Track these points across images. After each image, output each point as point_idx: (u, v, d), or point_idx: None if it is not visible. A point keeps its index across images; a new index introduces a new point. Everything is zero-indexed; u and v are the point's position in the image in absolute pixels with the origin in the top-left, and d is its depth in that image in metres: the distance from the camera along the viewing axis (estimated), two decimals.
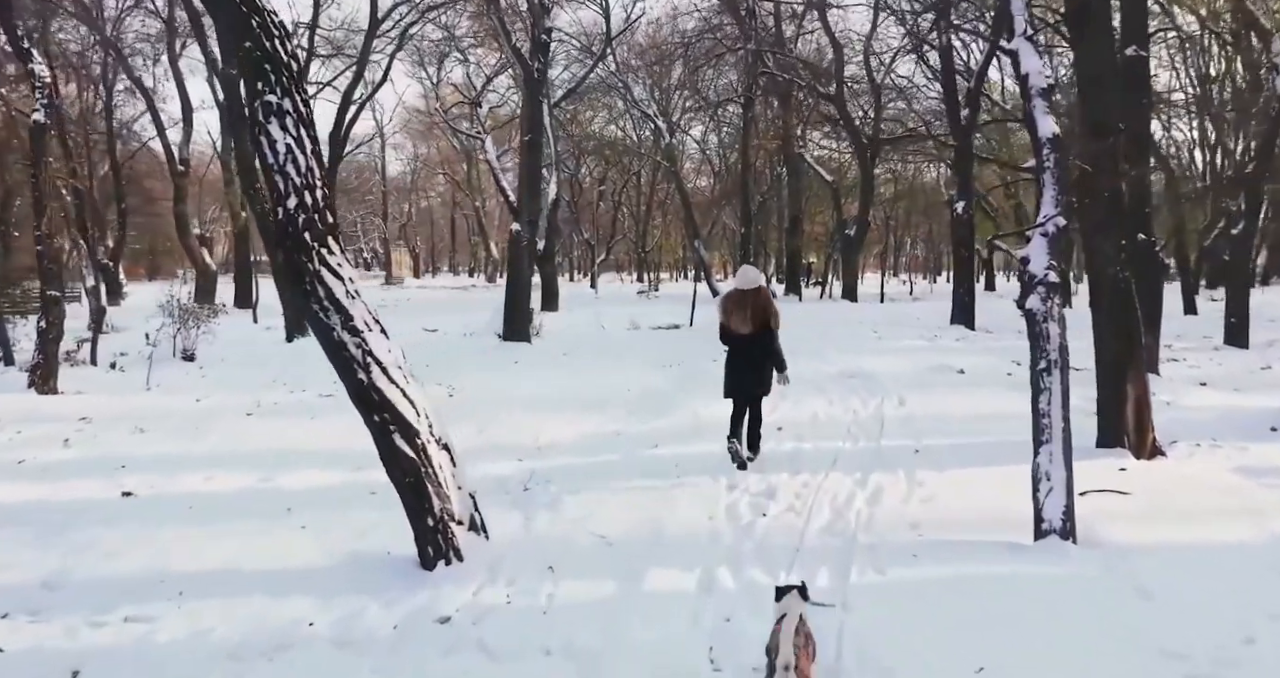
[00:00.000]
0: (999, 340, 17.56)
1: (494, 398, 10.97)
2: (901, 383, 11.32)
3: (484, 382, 12.36)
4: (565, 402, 10.56)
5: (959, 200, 20.10)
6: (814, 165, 34.35)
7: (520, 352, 15.75)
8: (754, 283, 7.35)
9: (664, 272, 68.85)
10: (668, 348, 16.64)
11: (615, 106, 44.77)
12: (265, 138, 4.94)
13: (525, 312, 16.72)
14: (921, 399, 10.07)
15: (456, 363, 14.60)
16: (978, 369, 12.58)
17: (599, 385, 11.76)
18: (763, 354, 7.25)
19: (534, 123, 16.32)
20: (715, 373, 12.96)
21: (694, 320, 22.45)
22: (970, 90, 20.21)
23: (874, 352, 15.00)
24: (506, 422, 9.18)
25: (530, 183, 16.38)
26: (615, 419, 9.40)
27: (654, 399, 10.63)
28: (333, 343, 4.89)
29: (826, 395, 10.42)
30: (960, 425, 8.57)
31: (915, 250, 66.50)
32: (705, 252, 40.74)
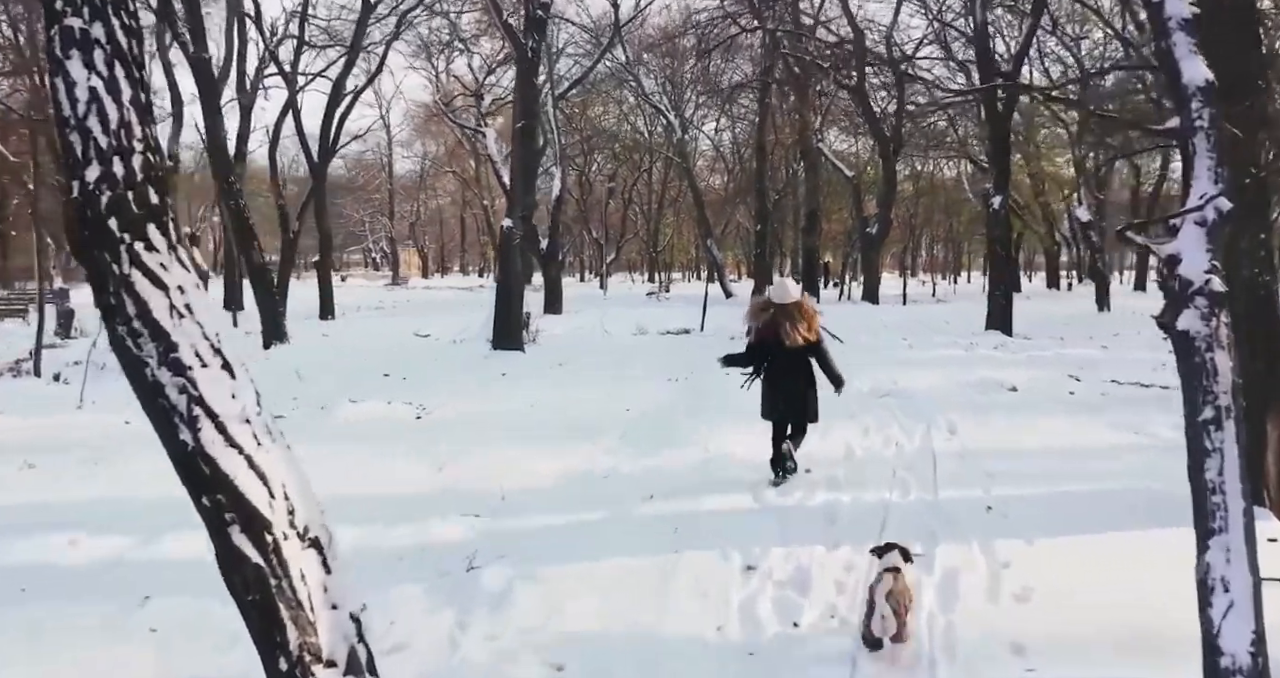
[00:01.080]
0: (1041, 348, 15.87)
1: (468, 421, 9.37)
2: (946, 404, 9.64)
3: (462, 399, 10.76)
4: (550, 426, 8.94)
5: (995, 194, 18.36)
6: (833, 160, 32.61)
7: (510, 362, 14.14)
8: (791, 297, 6.61)
9: (676, 272, 67.26)
10: (676, 357, 14.99)
11: (626, 101, 43.24)
12: (63, 80, 3.30)
13: (517, 317, 15.11)
14: (975, 427, 8.39)
15: (436, 375, 13.02)
16: (1032, 387, 10.87)
17: (593, 404, 10.13)
18: (803, 373, 6.61)
19: (528, 108, 14.70)
20: (728, 388, 11.31)
21: (705, 325, 20.79)
22: (1008, 74, 18.48)
23: (906, 363, 13.31)
24: (473, 456, 7.55)
25: (524, 174, 14.76)
26: (607, 451, 7.76)
27: (656, 423, 8.98)
28: (146, 385, 3.23)
29: (860, 422, 8.74)
30: (1034, 465, 6.89)
31: (934, 250, 64.54)
32: (718, 251, 39.10)
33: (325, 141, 24.99)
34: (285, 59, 27.51)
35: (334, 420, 9.44)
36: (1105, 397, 10.14)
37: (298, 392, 11.73)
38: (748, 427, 8.58)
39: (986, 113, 19.09)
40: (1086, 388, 10.77)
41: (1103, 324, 21.43)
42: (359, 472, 6.89)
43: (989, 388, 10.69)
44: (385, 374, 13.24)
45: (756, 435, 8.23)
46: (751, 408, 9.61)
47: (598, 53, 29.73)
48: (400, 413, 9.85)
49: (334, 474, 6.84)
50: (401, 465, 7.24)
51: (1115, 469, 6.68)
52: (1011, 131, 32.47)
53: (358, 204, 70.19)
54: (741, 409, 9.60)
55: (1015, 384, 10.86)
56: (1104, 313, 25.56)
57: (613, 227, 51.70)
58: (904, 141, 30.81)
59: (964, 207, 41.24)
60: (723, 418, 9.04)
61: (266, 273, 17.87)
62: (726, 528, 5.35)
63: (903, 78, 28.79)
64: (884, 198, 29.18)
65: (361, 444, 8.03)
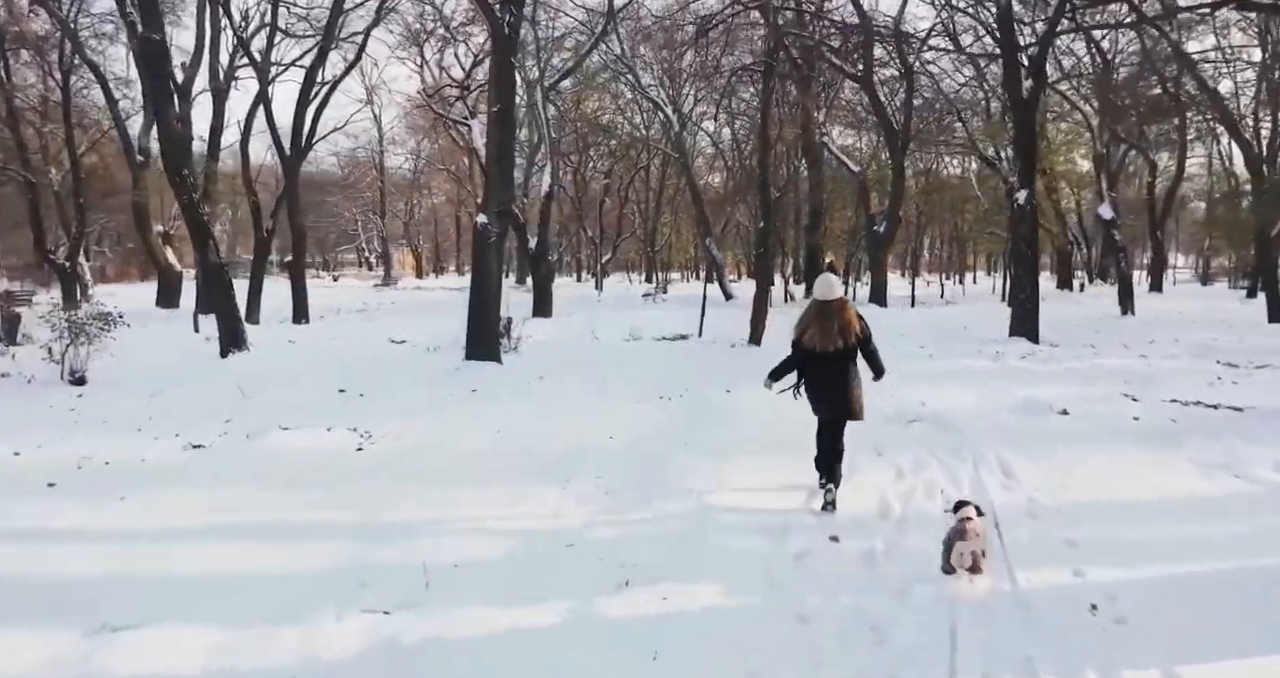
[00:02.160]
0: (1076, 358, 14.31)
1: (417, 453, 7.81)
2: (989, 433, 8.08)
3: (418, 423, 9.19)
4: (515, 462, 7.37)
5: (1020, 188, 16.78)
6: (838, 155, 31.05)
7: (484, 375, 12.55)
8: (835, 293, 6.31)
9: (675, 271, 65.70)
10: (671, 369, 13.43)
11: (622, 95, 41.65)
12: None
13: (493, 324, 13.53)
14: (1034, 467, 6.81)
15: (397, 391, 11.45)
16: (1086, 409, 9.29)
17: (569, 431, 8.57)
18: (846, 369, 6.27)
19: (504, 91, 13.11)
20: (729, 408, 9.75)
21: (703, 330, 19.22)
22: (1034, 59, 16.89)
23: (930, 378, 11.73)
24: (409, 507, 5.98)
25: (500, 164, 13.17)
26: (579, 500, 6.18)
27: (643, 458, 7.41)
28: None
29: (891, 460, 7.16)
30: (1128, 529, 5.30)
31: (939, 249, 62.84)
32: (718, 251, 37.52)
33: (298, 135, 23.36)
34: (263, 48, 25.99)
35: (254, 454, 7.86)
36: (1175, 423, 8.56)
37: (235, 412, 10.19)
38: (753, 462, 7.06)
39: (1011, 101, 17.51)
40: (1147, 410, 9.20)
41: (1131, 329, 19.85)
42: (246, 538, 5.33)
43: (1035, 411, 9.12)
44: (341, 390, 11.67)
45: (764, 473, 6.70)
46: (758, 436, 8.08)
47: (590, 41, 28.11)
48: (338, 443, 8.28)
49: (213, 539, 5.33)
50: (310, 523, 5.67)
51: (1238, 534, 5.12)
52: None
53: (350, 203, 68.49)
54: (745, 439, 8.06)
55: (1064, 406, 9.27)
56: (1128, 316, 24.01)
57: (609, 225, 50.06)
58: (912, 136, 29.27)
59: (971, 204, 39.72)
60: (724, 451, 7.48)
61: (223, 274, 16.25)
62: (727, 648, 3.75)
63: (911, 69, 27.29)
64: (893, 195, 27.61)
65: (270, 491, 6.47)
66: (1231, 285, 48.15)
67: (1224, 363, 13.63)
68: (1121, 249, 24.79)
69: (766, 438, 8.05)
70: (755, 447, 7.69)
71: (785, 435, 8.22)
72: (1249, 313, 24.81)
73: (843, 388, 6.23)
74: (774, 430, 8.51)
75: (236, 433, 8.90)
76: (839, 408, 6.25)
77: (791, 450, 7.59)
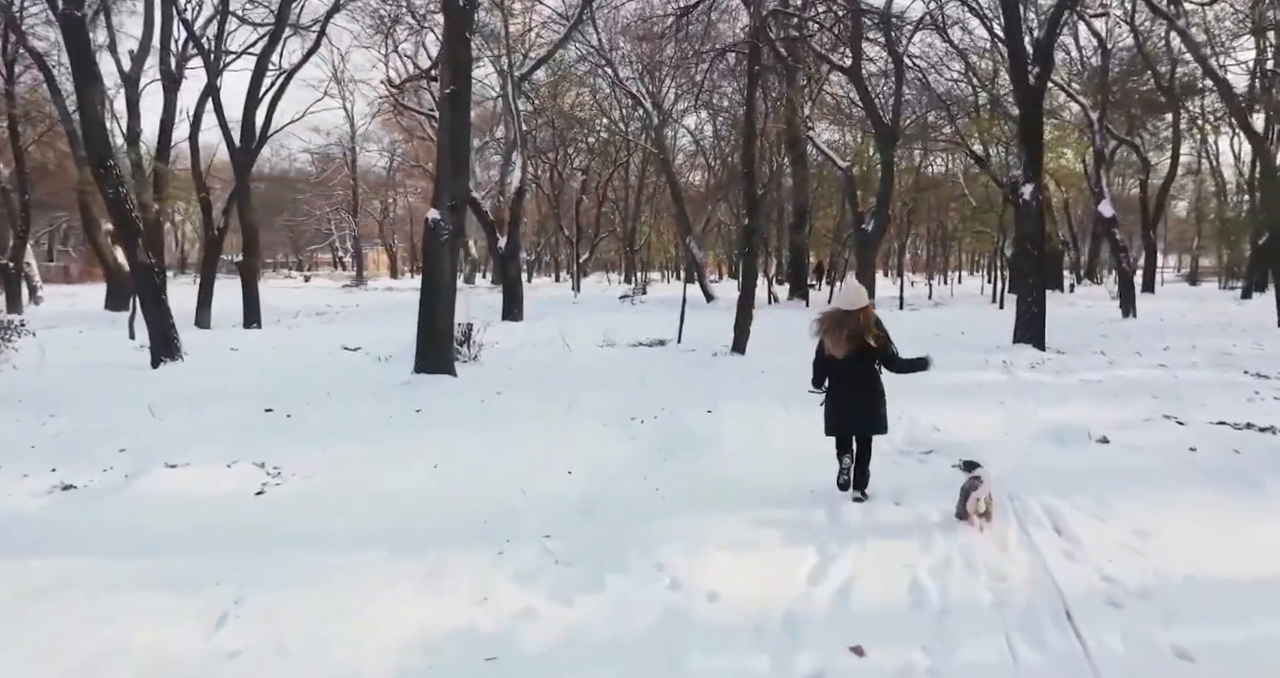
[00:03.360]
0: (1091, 368, 13.00)
1: (325, 500, 6.36)
2: (1025, 470, 6.69)
3: (340, 456, 7.72)
4: (443, 512, 5.94)
5: (1025, 183, 15.44)
6: (825, 150, 29.72)
7: (433, 391, 11.07)
8: (859, 303, 6.17)
9: (655, 271, 64.30)
10: (646, 382, 12.00)
11: (600, 90, 40.22)
12: None
13: (446, 333, 12.05)
14: (1091, 521, 5.44)
15: (331, 412, 9.99)
16: (1127, 434, 7.94)
17: (520, 467, 7.15)
18: (872, 385, 6.10)
19: (458, 70, 11.64)
20: (711, 435, 8.33)
21: (683, 336, 17.80)
22: (1041, 42, 15.57)
23: (938, 393, 10.33)
24: (280, 595, 4.52)
25: (454, 154, 11.69)
26: (512, 578, 4.75)
27: (602, 512, 5.97)
28: None
29: (911, 510, 5.77)
30: (1252, 629, 3.92)
31: (924, 249, 61.62)
32: (699, 250, 36.15)
33: (249, 127, 21.77)
34: (215, 34, 24.35)
35: (126, 502, 6.37)
36: (1240, 455, 7.21)
37: (136, 438, 8.71)
38: (741, 514, 5.65)
39: (1016, 90, 16.19)
40: (1200, 437, 7.85)
41: (1139, 334, 18.60)
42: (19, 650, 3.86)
43: (1070, 438, 7.74)
44: (268, 409, 10.20)
45: (756, 528, 5.30)
46: (746, 473, 6.69)
47: (566, 29, 26.67)
48: (235, 485, 6.80)
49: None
50: (126, 632, 4.18)
51: None
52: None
53: (324, 201, 66.65)
54: (730, 479, 6.64)
55: (1102, 432, 7.91)
56: (1129, 319, 22.78)
57: (587, 224, 48.56)
58: (901, 131, 27.98)
59: (958, 203, 38.58)
60: (704, 499, 6.06)
61: (152, 275, 14.71)
62: None
63: (901, 61, 26.00)
64: (881, 192, 26.28)
65: (117, 561, 4.98)
66: (1222, 286, 47.23)
67: (1253, 374, 12.37)
68: (1123, 249, 23.57)
69: (756, 476, 6.66)
70: (743, 490, 6.28)
71: (778, 471, 6.84)
72: (1252, 315, 23.64)
73: (866, 403, 6.04)
74: (764, 464, 7.12)
75: (122, 469, 7.41)
76: (861, 427, 6.07)
77: (786, 492, 6.21)
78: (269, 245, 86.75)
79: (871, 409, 6.07)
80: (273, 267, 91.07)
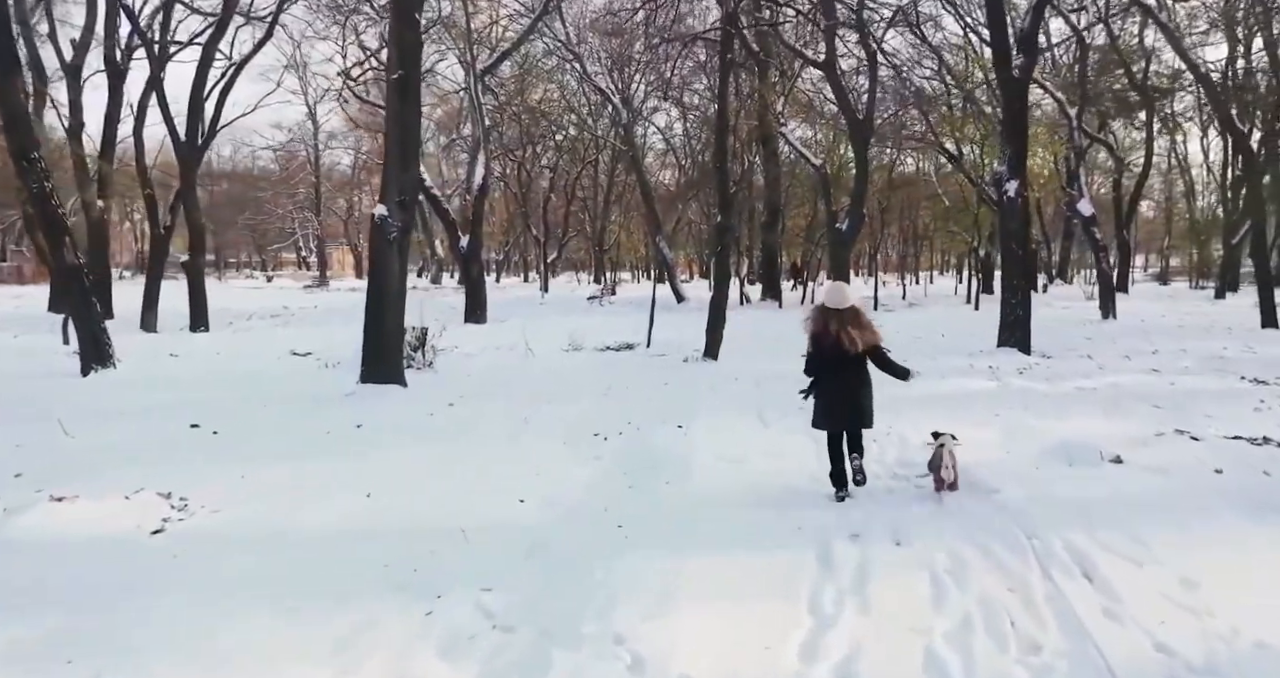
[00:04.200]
0: (1083, 375, 12.33)
1: (235, 538, 5.45)
2: (1038, 499, 5.91)
3: (264, 481, 6.79)
4: (369, 556, 5.05)
5: (1009, 179, 14.75)
6: (797, 146, 29.02)
7: (378, 404, 10.13)
8: (845, 302, 6.24)
9: (625, 271, 63.49)
10: (612, 392, 11.15)
11: (568, 86, 39.34)
12: None
13: (395, 339, 11.12)
14: (1127, 565, 4.65)
15: (261, 427, 9.04)
16: (1140, 452, 7.19)
17: (466, 495, 6.28)
18: (860, 381, 6.24)
19: (406, 53, 10.71)
20: (683, 457, 7.48)
21: (652, 339, 16.97)
22: (1024, 33, 14.88)
23: (928, 404, 9.56)
24: (150, 672, 3.63)
25: (402, 145, 10.76)
26: (437, 649, 3.89)
27: (554, 559, 5.10)
28: None
29: (917, 555, 4.93)
30: None
31: (897, 248, 61.21)
32: (669, 250, 35.39)
33: (196, 120, 20.65)
34: (161, 22, 23.17)
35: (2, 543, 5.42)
36: (1271, 477, 6.49)
37: (37, 460, 7.71)
38: (720, 561, 4.81)
39: (1000, 83, 15.51)
40: (1220, 455, 7.12)
41: (1124, 336, 18.02)
42: None
43: (1080, 458, 6.97)
44: (194, 424, 9.21)
45: (738, 581, 4.45)
46: (725, 504, 5.88)
47: (531, 20, 25.74)
48: (132, 521, 5.84)
49: None
50: None
51: None
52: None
53: (287, 199, 65.08)
54: (705, 516, 5.77)
55: (1114, 450, 7.15)
56: (1109, 320, 22.24)
57: (555, 223, 47.60)
58: (875, 128, 27.32)
59: (931, 202, 38.12)
60: (675, 542, 5.21)
61: (81, 277, 13.67)
62: None
63: (875, 57, 25.34)
64: (856, 189, 25.61)
65: None
66: (1193, 286, 47.17)
67: (1251, 380, 11.76)
68: (1103, 248, 23.02)
69: (734, 509, 5.83)
70: (719, 527, 5.45)
71: (759, 501, 6.01)
72: (1232, 316, 23.23)
73: (854, 399, 6.21)
74: (743, 492, 6.29)
75: (5, 502, 6.43)
76: (851, 423, 6.25)
77: (769, 530, 5.38)
78: (232, 245, 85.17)
79: (863, 405, 6.25)
80: (236, 267, 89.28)
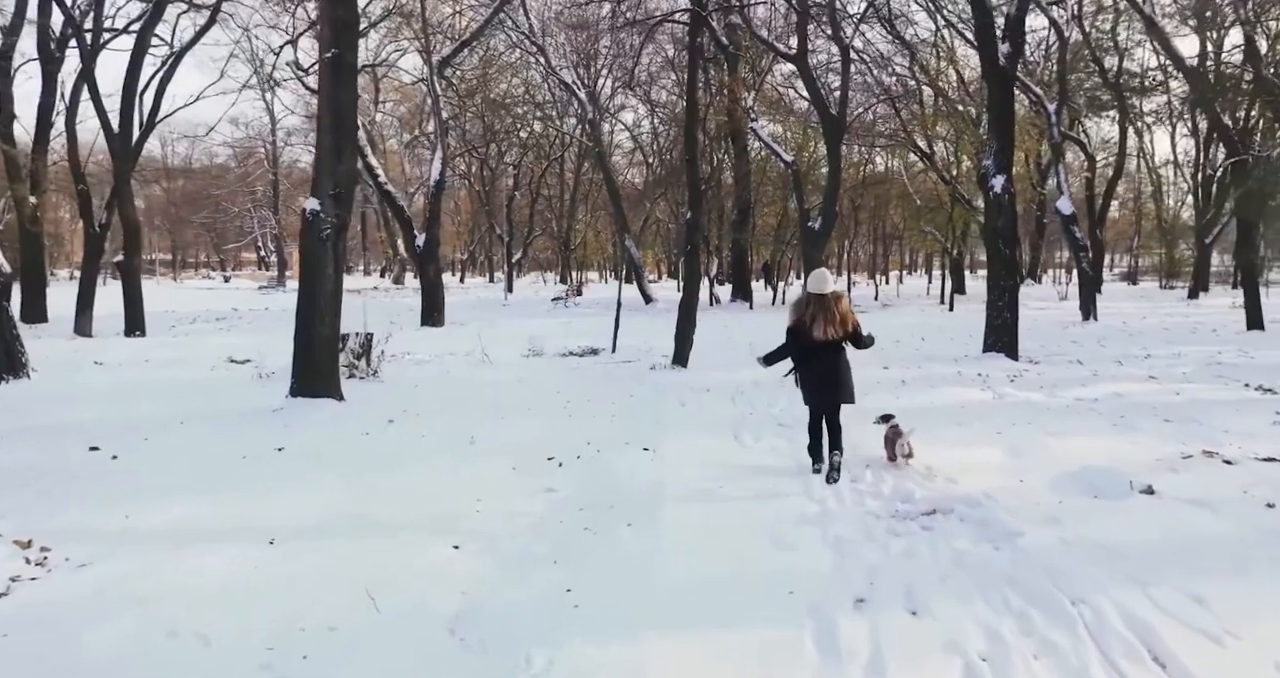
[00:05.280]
0: (1081, 383, 11.51)
1: (79, 606, 4.34)
2: (1064, 542, 4.96)
3: (144, 524, 5.68)
4: (235, 645, 3.98)
5: (996, 173, 13.89)
6: (769, 143, 28.12)
7: (308, 421, 9.00)
8: (828, 287, 6.78)
9: (593, 271, 62.44)
10: (571, 406, 10.11)
11: (533, 80, 38.20)
12: None
13: (328, 347, 9.98)
14: (1204, 643, 3.71)
15: (170, 450, 7.88)
16: (1172, 480, 6.27)
17: (382, 543, 5.21)
18: (839, 356, 6.82)
19: (340, 29, 9.59)
20: (650, 489, 6.35)
21: (617, 344, 15.95)
22: (1011, 18, 14.01)
23: (917, 416, 8.56)
24: None
25: (336, 131, 9.63)
26: None
27: (483, 644, 4.07)
28: None
29: (941, 630, 3.93)
30: None
31: (864, 248, 60.56)
32: (636, 250, 34.41)
33: (130, 110, 19.32)
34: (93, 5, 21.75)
35: None
36: None
37: None
38: (692, 647, 3.78)
39: (986, 73, 14.65)
40: (1263, 483, 6.21)
41: (1112, 340, 17.26)
42: None
43: (1105, 487, 6.04)
44: (94, 447, 8.04)
45: None
46: (698, 554, 4.87)
47: (492, 9, 24.60)
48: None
49: None
50: None
51: None
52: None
53: (244, 197, 63.24)
54: (672, 577, 4.73)
55: (1142, 477, 6.23)
56: (1090, 322, 21.53)
57: (520, 222, 46.40)
58: (848, 125, 26.46)
59: (903, 201, 37.42)
60: (637, 614, 4.17)
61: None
62: None
63: (848, 51, 24.50)
64: (829, 186, 24.73)
65: None
66: (1162, 285, 46.92)
67: (1258, 388, 10.97)
68: (1083, 248, 22.28)
69: (711, 563, 4.81)
70: (693, 592, 4.42)
71: (742, 550, 5.00)
72: (1215, 317, 22.63)
73: (835, 376, 6.72)
74: (722, 538, 5.28)
75: None
76: (834, 396, 6.75)
77: (756, 593, 4.36)
78: (192, 244, 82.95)
79: (844, 383, 6.78)
80: (195, 266, 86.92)
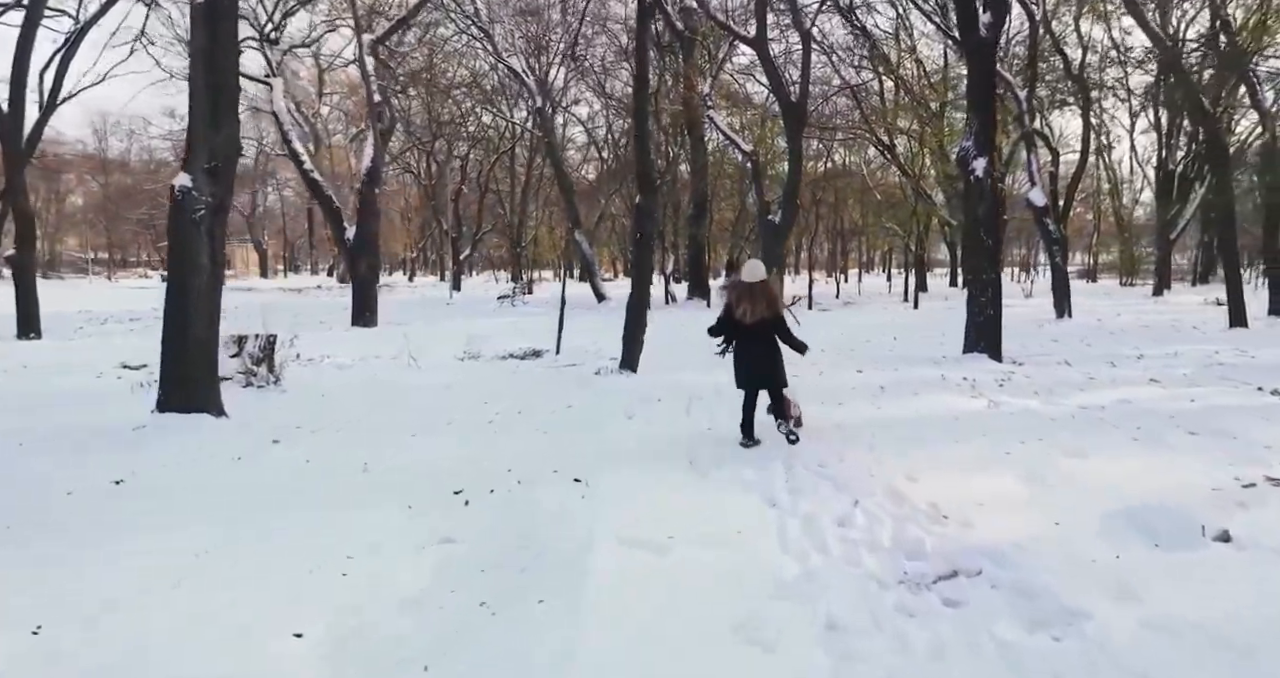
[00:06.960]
0: (1079, 387, 10.28)
1: None
2: (1151, 629, 3.57)
3: None
4: None
5: (976, 156, 12.60)
6: (727, 132, 26.76)
7: (171, 442, 7.36)
8: (757, 277, 7.30)
9: (548, 269, 60.80)
10: (499, 421, 8.58)
11: (481, 69, 36.47)
12: None
13: (203, 353, 8.32)
14: None
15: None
16: (1243, 519, 4.92)
17: (187, 642, 3.66)
18: (770, 343, 7.23)
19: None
20: (575, 543, 4.66)
21: (561, 345, 14.45)
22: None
23: (910, 437, 7.25)
24: None
25: (212, 96, 8.00)
26: None
27: None
28: None
29: None
30: None
31: (823, 246, 59.55)
32: (589, 246, 32.93)
33: (20, 89, 17.38)
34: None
35: None
36: None
37: None
38: None
39: (966, 48, 13.35)
40: None
41: (1094, 339, 16.12)
42: None
43: (1168, 533, 4.67)
44: None
45: None
46: (643, 636, 3.33)
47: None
48: None
49: None
50: None
51: None
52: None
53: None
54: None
55: (1212, 520, 4.87)
56: (1066, 319, 20.48)
57: (468, 218, 44.60)
58: (808, 115, 25.22)
59: (861, 196, 36.40)
60: None
61: None
62: None
63: (809, 36, 23.24)
64: (790, 178, 23.45)
65: None
66: (1123, 282, 46.52)
67: (1276, 393, 9.78)
68: (1057, 242, 21.20)
69: (663, 666, 3.33)
70: None
71: (702, 643, 3.51)
72: (1194, 314, 21.77)
73: (766, 359, 7.22)
74: (669, 611, 3.79)
75: None
76: (764, 377, 7.22)
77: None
78: (131, 242, 79.77)
79: (771, 367, 7.20)
80: (137, 264, 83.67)
